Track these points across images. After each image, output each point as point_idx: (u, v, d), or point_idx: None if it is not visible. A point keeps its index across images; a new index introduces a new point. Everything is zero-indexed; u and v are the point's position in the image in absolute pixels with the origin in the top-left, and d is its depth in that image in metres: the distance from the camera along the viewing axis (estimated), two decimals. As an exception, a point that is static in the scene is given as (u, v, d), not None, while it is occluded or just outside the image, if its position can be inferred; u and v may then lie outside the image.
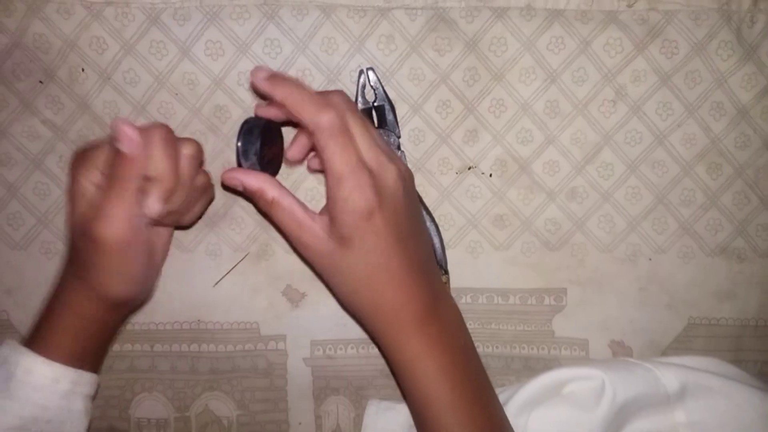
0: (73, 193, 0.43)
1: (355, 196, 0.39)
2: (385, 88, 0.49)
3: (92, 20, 0.48)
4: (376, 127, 0.49)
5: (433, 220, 0.50)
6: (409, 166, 0.50)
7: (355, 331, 0.52)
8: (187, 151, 0.43)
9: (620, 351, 0.52)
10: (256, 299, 0.52)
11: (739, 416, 0.45)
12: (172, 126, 0.47)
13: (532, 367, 0.52)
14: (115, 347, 0.52)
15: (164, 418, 0.53)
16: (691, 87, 0.50)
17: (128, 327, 0.52)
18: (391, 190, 0.40)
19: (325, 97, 0.40)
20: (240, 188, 0.42)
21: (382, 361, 0.52)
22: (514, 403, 0.46)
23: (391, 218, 0.40)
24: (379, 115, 0.49)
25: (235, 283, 0.52)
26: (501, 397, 0.45)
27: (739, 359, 0.52)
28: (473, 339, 0.45)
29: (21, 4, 0.47)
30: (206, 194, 0.47)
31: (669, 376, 0.46)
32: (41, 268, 0.51)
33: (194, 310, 0.51)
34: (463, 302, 0.52)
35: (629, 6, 0.48)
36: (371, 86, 0.49)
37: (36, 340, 0.43)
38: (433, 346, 0.41)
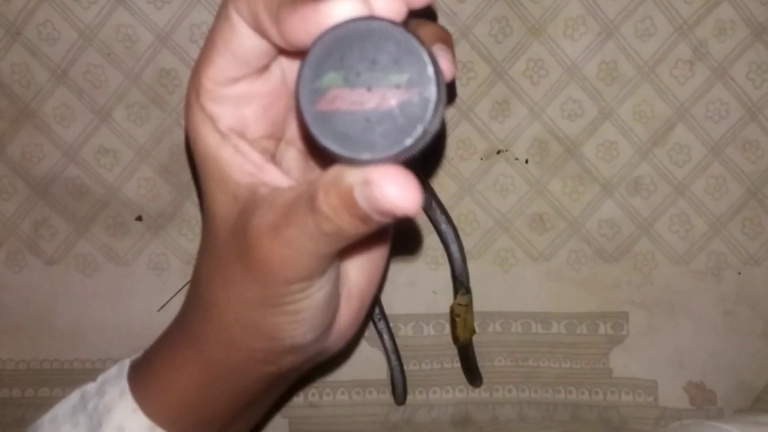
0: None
1: None
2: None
3: (-7, -46, 0.38)
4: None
5: (449, 221, 0.42)
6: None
7: (347, 371, 0.43)
8: None
9: (700, 396, 0.44)
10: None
11: None
12: (103, 97, 0.39)
13: (582, 417, 0.44)
14: (27, 392, 0.41)
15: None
16: (793, 42, 0.41)
17: (45, 366, 0.42)
18: None
19: None
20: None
21: (383, 409, 0.43)
22: None
23: None
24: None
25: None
26: None
27: None
28: (503, 379, 0.35)
29: None
30: None
31: None
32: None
33: (131, 341, 0.42)
34: (490, 331, 0.43)
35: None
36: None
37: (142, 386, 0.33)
38: None
